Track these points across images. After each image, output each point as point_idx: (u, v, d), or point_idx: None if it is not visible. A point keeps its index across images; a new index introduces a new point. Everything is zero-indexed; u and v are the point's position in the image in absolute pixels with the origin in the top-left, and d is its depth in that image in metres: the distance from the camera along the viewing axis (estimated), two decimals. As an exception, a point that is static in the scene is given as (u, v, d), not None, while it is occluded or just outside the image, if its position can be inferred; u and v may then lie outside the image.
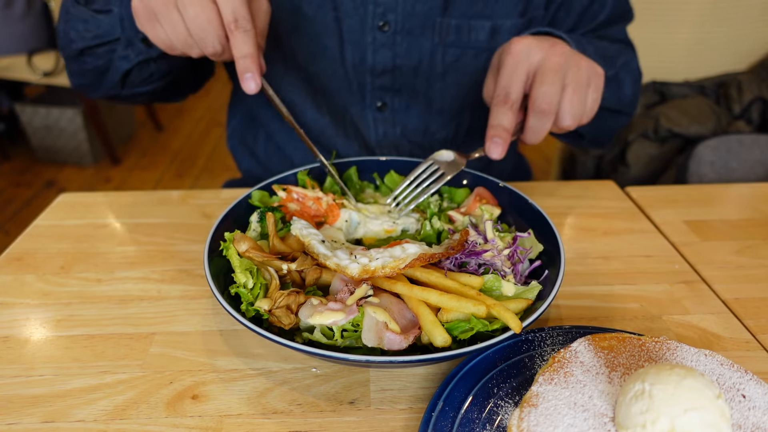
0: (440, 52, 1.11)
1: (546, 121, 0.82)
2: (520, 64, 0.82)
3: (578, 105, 0.83)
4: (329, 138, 1.22)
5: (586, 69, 0.83)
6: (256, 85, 0.80)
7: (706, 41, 2.30)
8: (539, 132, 0.84)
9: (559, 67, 0.81)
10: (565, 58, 0.81)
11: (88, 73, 1.07)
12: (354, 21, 1.07)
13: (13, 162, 4.00)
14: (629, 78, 1.11)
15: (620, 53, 1.11)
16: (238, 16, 0.76)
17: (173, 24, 0.78)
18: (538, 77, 0.81)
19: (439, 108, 1.18)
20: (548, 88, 0.80)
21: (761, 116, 2.20)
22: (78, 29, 0.99)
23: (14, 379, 0.70)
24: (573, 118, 0.83)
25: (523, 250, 0.81)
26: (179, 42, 0.80)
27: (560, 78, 0.81)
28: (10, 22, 3.37)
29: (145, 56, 0.97)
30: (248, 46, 0.77)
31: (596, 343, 0.63)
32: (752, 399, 0.57)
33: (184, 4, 0.75)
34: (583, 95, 0.83)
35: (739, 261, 0.97)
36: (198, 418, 0.65)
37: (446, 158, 0.92)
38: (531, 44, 0.82)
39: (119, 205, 1.10)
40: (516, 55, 0.83)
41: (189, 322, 0.80)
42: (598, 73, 0.85)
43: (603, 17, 1.15)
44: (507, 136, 0.83)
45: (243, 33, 0.76)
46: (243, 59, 0.78)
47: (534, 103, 0.81)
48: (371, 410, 0.67)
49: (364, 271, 0.69)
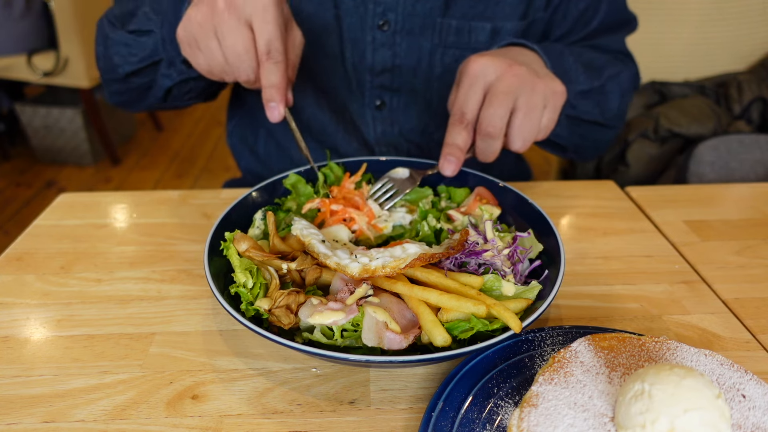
0: (440, 53, 1.11)
1: (492, 143, 0.84)
2: (476, 83, 0.84)
3: (529, 129, 0.84)
4: (329, 135, 1.22)
5: (541, 90, 0.83)
6: (279, 114, 0.83)
7: (706, 41, 2.30)
8: (488, 153, 0.86)
9: (510, 90, 0.81)
10: (519, 79, 0.82)
11: (132, 92, 1.11)
12: (354, 20, 1.07)
13: (13, 162, 4.00)
14: (617, 91, 1.10)
15: (609, 65, 1.10)
16: (271, 48, 0.79)
17: (212, 51, 0.81)
18: (488, 99, 0.83)
19: (438, 108, 1.18)
20: (495, 111, 0.81)
21: (761, 116, 2.19)
22: (122, 53, 1.03)
23: (14, 379, 0.70)
24: (523, 141, 0.85)
25: (523, 249, 0.81)
26: (217, 68, 0.84)
27: (510, 100, 0.82)
28: (10, 22, 3.37)
29: (186, 76, 1.00)
30: (276, 77, 0.80)
31: (596, 343, 0.63)
32: (752, 399, 0.57)
33: (223, 33, 0.78)
34: (536, 117, 0.84)
35: (739, 261, 0.97)
36: (198, 418, 0.65)
37: (401, 175, 0.95)
38: (487, 63, 0.83)
39: (119, 205, 1.10)
40: (471, 75, 0.84)
41: (189, 322, 0.80)
42: (557, 92, 0.86)
43: (596, 24, 1.15)
44: (460, 154, 0.86)
45: (273, 64, 0.80)
46: (269, 88, 0.81)
47: (480, 126, 0.83)
48: (371, 410, 0.67)
49: (364, 270, 0.69)
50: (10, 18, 3.36)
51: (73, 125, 3.79)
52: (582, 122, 1.07)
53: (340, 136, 1.22)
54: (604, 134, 1.15)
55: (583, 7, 1.13)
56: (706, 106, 2.15)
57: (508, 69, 0.83)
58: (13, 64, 3.45)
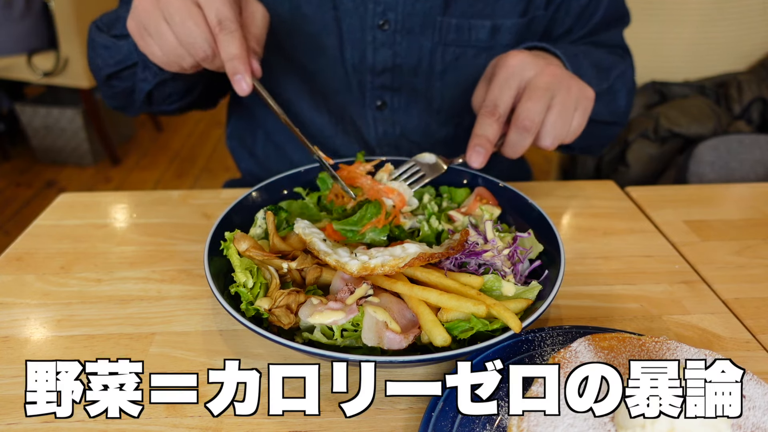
0: (440, 51, 1.11)
1: (526, 138, 0.83)
2: (512, 78, 0.83)
3: (561, 127, 0.84)
4: (328, 137, 1.22)
5: (576, 92, 0.83)
6: (247, 85, 0.80)
7: (706, 41, 2.30)
8: (518, 147, 0.85)
9: (548, 86, 0.81)
10: (557, 78, 0.82)
11: (119, 95, 1.11)
12: (354, 20, 1.07)
13: (13, 162, 4.00)
14: (623, 89, 1.11)
15: (616, 64, 1.11)
16: (222, 18, 0.77)
17: (162, 35, 0.79)
18: (526, 93, 0.82)
19: (439, 107, 1.18)
20: (533, 105, 0.81)
21: (761, 116, 2.19)
22: (103, 56, 1.04)
23: (14, 379, 0.70)
24: (554, 139, 0.85)
25: (523, 250, 0.81)
26: (171, 53, 0.81)
27: (548, 97, 0.81)
28: (10, 22, 3.37)
29: (160, 77, 0.99)
30: (234, 47, 0.77)
31: (596, 343, 0.63)
32: (752, 399, 0.57)
33: (170, 12, 0.77)
34: (569, 118, 0.84)
35: (739, 261, 0.97)
36: (198, 418, 0.65)
37: (428, 161, 0.94)
38: (526, 60, 0.83)
39: (119, 205, 1.10)
40: (509, 69, 0.83)
41: (189, 322, 0.80)
42: (588, 97, 0.86)
43: (598, 18, 1.15)
44: (489, 147, 0.84)
45: (228, 34, 0.77)
46: (231, 61, 0.78)
47: (517, 119, 0.83)
48: (371, 410, 0.67)
49: (363, 268, 0.69)
50: (10, 18, 3.36)
51: (73, 125, 3.78)
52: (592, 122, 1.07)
53: (339, 138, 1.22)
54: (611, 131, 1.17)
55: (584, 2, 1.13)
56: (706, 106, 2.15)
57: (546, 67, 0.83)
58: (13, 64, 3.45)
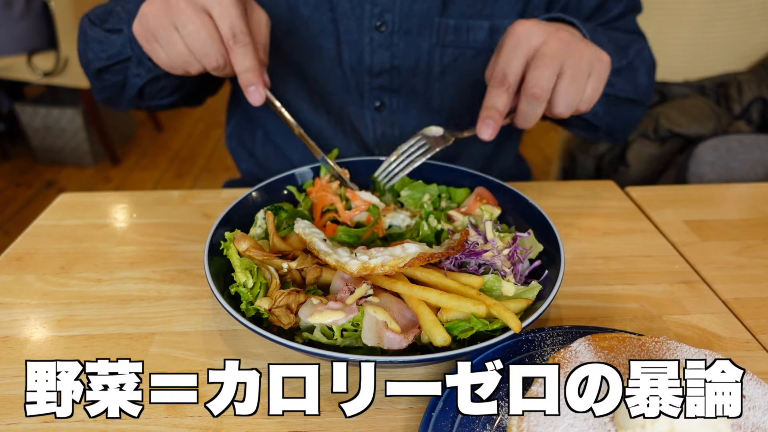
0: (438, 52, 1.11)
1: (537, 106, 0.81)
2: (520, 47, 0.81)
3: (574, 93, 0.82)
4: (327, 138, 1.22)
5: (588, 56, 0.81)
6: (261, 96, 0.82)
7: (706, 41, 2.30)
8: (530, 117, 0.83)
9: (557, 53, 0.79)
10: (565, 43, 0.80)
11: (109, 89, 1.10)
12: (351, 21, 1.07)
13: (13, 162, 4.00)
14: (643, 66, 1.09)
15: (633, 42, 1.10)
16: (236, 31, 0.78)
17: (173, 43, 0.80)
18: (534, 61, 0.80)
19: (438, 108, 1.18)
20: (541, 72, 0.79)
21: (761, 116, 2.19)
22: (95, 50, 1.03)
23: (14, 379, 0.70)
24: (567, 107, 0.82)
25: (523, 250, 0.81)
26: (179, 60, 0.82)
27: (557, 63, 0.79)
28: (10, 22, 3.37)
29: (154, 73, 0.99)
30: (248, 60, 0.79)
31: (596, 343, 0.63)
32: (752, 399, 0.57)
33: (182, 22, 0.77)
34: (582, 83, 0.82)
35: (739, 261, 0.97)
36: (198, 418, 0.65)
37: (435, 133, 0.93)
38: (533, 27, 0.81)
39: (119, 205, 1.10)
40: (516, 37, 0.81)
41: (189, 322, 0.80)
42: (603, 60, 0.83)
43: (616, 12, 1.14)
44: (499, 118, 0.82)
45: (242, 47, 0.78)
46: (244, 73, 0.80)
47: (526, 87, 0.80)
48: (371, 410, 0.67)
49: (363, 268, 0.69)
50: (10, 18, 3.36)
51: (73, 125, 3.78)
52: (617, 99, 1.06)
53: (338, 139, 1.22)
54: (635, 112, 1.14)
55: (594, 5, 1.12)
56: (706, 106, 2.15)
57: (555, 33, 0.80)
58: (13, 64, 3.45)
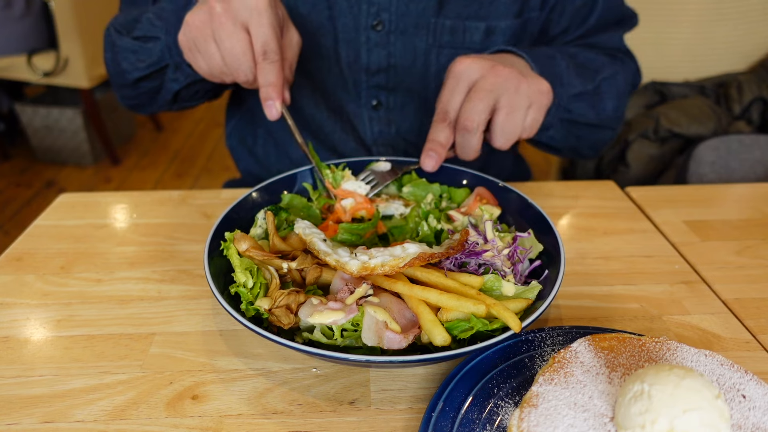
0: (435, 53, 1.11)
1: (470, 138, 0.86)
2: (461, 83, 0.86)
3: (512, 126, 0.86)
4: (327, 134, 1.22)
5: (525, 89, 0.85)
6: (277, 112, 0.86)
7: (706, 41, 2.30)
8: (467, 148, 0.88)
9: (492, 87, 0.83)
10: (503, 78, 0.84)
11: (143, 96, 1.14)
12: (348, 20, 1.07)
13: (13, 162, 4.00)
14: (612, 91, 1.10)
15: (606, 66, 1.10)
16: (267, 49, 0.82)
17: (211, 55, 0.85)
18: (469, 95, 0.84)
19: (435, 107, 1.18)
20: (474, 105, 0.83)
21: (761, 116, 2.19)
22: (130, 60, 1.06)
23: (14, 379, 0.70)
24: (505, 139, 0.87)
25: (523, 250, 0.81)
26: (217, 70, 0.87)
27: (492, 97, 0.83)
28: (10, 22, 3.37)
29: (192, 79, 1.03)
30: (272, 76, 0.83)
31: (596, 344, 0.63)
32: (752, 399, 0.57)
33: (221, 36, 0.82)
34: (519, 116, 0.86)
35: (739, 261, 0.97)
36: (198, 419, 0.65)
37: (383, 168, 0.98)
38: (471, 64, 0.85)
39: (119, 205, 1.10)
40: (456, 75, 0.86)
41: (189, 322, 0.80)
42: (542, 91, 0.87)
43: (593, 21, 1.15)
44: (442, 150, 0.88)
45: (270, 64, 0.83)
46: (266, 87, 0.84)
47: (459, 120, 0.85)
48: (371, 410, 0.67)
49: (363, 268, 0.69)
50: (10, 18, 3.36)
51: (73, 125, 3.79)
52: (577, 124, 1.07)
53: (337, 135, 1.22)
54: (600, 135, 1.16)
55: (579, 3, 1.13)
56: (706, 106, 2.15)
57: (492, 69, 0.84)
58: (13, 64, 3.45)
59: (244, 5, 0.80)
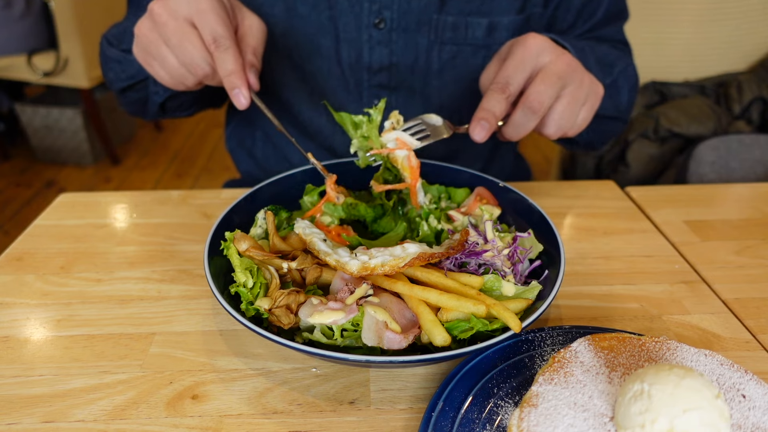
0: (437, 50, 1.11)
1: (531, 119, 0.82)
2: (529, 60, 0.82)
3: (568, 118, 0.84)
4: (327, 137, 1.22)
5: (587, 86, 0.84)
6: (245, 98, 0.83)
7: (706, 41, 2.30)
8: (521, 128, 0.84)
9: (563, 74, 0.81)
10: (571, 68, 0.82)
11: (134, 104, 1.15)
12: (349, 19, 1.07)
13: (13, 162, 4.00)
14: (626, 84, 1.12)
15: (619, 59, 1.12)
16: (216, 36, 0.80)
17: (164, 58, 0.83)
18: (540, 76, 0.81)
19: (437, 105, 1.18)
20: (545, 89, 0.80)
21: (761, 116, 2.20)
22: (115, 70, 1.07)
23: (14, 379, 0.70)
24: (558, 129, 0.85)
25: (523, 250, 0.81)
26: (175, 73, 0.85)
27: (560, 85, 0.81)
28: (10, 22, 3.37)
29: (171, 91, 1.03)
30: (230, 63, 0.80)
31: (596, 343, 0.63)
32: (752, 399, 0.57)
33: (167, 35, 0.81)
34: (576, 110, 0.84)
35: (739, 261, 0.97)
36: (198, 418, 0.65)
37: (435, 122, 0.91)
38: (545, 44, 0.83)
39: (119, 205, 1.10)
40: (527, 50, 0.82)
41: (189, 322, 0.80)
42: (597, 93, 0.86)
43: (600, 15, 1.16)
44: (494, 121, 0.83)
45: (224, 52, 0.80)
46: (228, 76, 0.81)
47: (526, 99, 0.81)
48: (371, 410, 0.67)
49: (363, 268, 0.69)
50: (10, 18, 3.36)
51: (73, 125, 3.79)
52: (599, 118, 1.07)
53: (337, 137, 1.22)
54: (614, 127, 1.17)
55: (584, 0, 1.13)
56: (706, 106, 2.15)
57: (563, 55, 0.82)
58: (13, 64, 3.45)
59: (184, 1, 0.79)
